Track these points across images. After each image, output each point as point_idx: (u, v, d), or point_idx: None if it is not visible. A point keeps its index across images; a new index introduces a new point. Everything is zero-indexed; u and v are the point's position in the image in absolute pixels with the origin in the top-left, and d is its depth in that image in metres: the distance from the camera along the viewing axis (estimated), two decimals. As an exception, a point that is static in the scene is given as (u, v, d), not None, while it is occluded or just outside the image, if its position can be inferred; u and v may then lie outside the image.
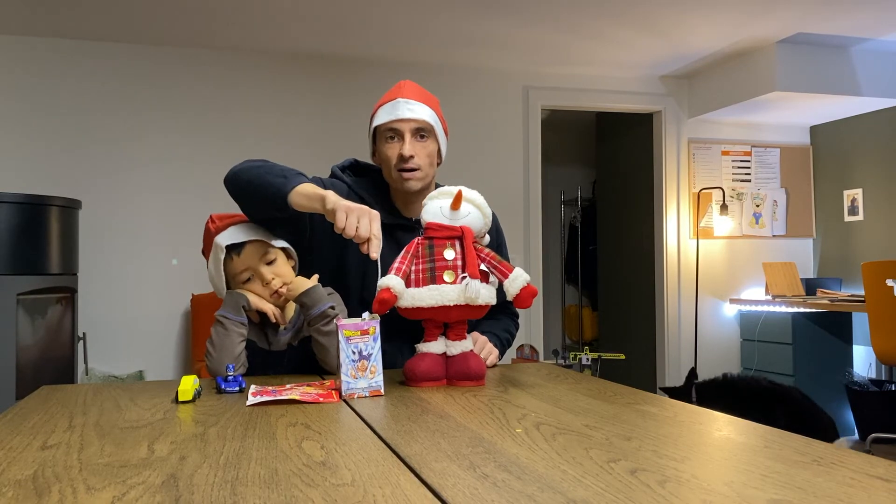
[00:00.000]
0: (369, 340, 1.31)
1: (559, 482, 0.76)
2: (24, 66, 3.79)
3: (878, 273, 3.58)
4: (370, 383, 1.29)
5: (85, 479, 0.79)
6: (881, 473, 0.79)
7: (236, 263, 1.56)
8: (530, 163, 4.50)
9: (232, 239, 1.55)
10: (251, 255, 1.55)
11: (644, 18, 3.63)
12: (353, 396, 1.28)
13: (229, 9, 3.45)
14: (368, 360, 1.30)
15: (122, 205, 3.89)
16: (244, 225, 1.58)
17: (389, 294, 1.35)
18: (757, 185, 4.93)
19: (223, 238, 1.55)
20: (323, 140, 4.12)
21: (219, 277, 1.57)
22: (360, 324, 1.31)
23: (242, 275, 1.56)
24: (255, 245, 1.56)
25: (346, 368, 1.29)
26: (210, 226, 1.60)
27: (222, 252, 1.54)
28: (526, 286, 1.38)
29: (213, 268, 1.57)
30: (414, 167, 1.62)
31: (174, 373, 3.93)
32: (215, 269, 1.57)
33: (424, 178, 1.65)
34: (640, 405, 1.18)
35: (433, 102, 1.67)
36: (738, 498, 0.70)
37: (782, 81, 4.04)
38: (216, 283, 1.59)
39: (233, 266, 1.56)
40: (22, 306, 3.07)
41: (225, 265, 1.57)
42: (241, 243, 1.55)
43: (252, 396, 1.24)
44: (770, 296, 4.61)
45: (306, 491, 0.74)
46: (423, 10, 3.51)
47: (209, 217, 1.63)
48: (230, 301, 1.56)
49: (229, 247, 1.54)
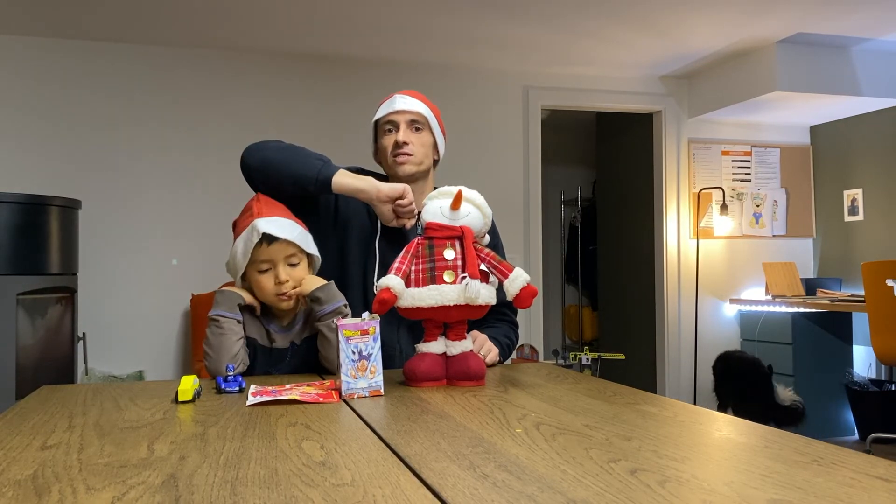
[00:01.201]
0: (369, 340, 1.31)
1: (559, 482, 0.76)
2: (23, 66, 3.79)
3: (878, 273, 3.59)
4: (370, 383, 1.29)
5: (85, 479, 0.79)
6: (881, 473, 0.79)
7: (262, 252, 1.53)
8: (530, 163, 4.50)
9: (272, 230, 1.52)
10: (280, 250, 1.54)
11: (644, 18, 3.63)
12: (352, 396, 1.28)
13: (229, 9, 3.45)
14: (368, 360, 1.30)
15: (122, 205, 3.89)
16: (287, 221, 1.57)
17: (389, 294, 1.36)
18: (757, 185, 4.93)
19: (265, 224, 1.53)
20: (323, 140, 4.11)
21: (244, 258, 1.54)
22: (360, 324, 1.31)
23: (262, 265, 1.54)
24: (288, 244, 1.55)
25: (346, 368, 1.29)
26: (254, 205, 1.57)
27: (258, 236, 1.51)
28: (526, 286, 1.38)
29: (242, 247, 1.54)
30: (408, 152, 1.73)
31: (174, 373, 3.93)
32: (244, 248, 1.54)
33: (419, 164, 1.75)
34: (640, 405, 1.18)
35: (429, 103, 1.79)
36: (738, 498, 0.70)
37: (782, 81, 4.04)
38: (237, 262, 1.56)
39: (258, 253, 1.54)
40: (22, 306, 3.07)
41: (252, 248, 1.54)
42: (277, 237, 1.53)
43: (252, 396, 1.24)
44: (770, 296, 4.61)
45: (306, 491, 0.74)
46: (423, 11, 3.51)
47: (255, 195, 1.61)
48: (223, 300, 1.56)
49: (265, 234, 1.52)
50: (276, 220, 1.55)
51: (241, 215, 1.61)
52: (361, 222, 1.76)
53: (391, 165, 1.75)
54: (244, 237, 1.54)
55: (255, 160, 1.66)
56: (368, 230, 1.76)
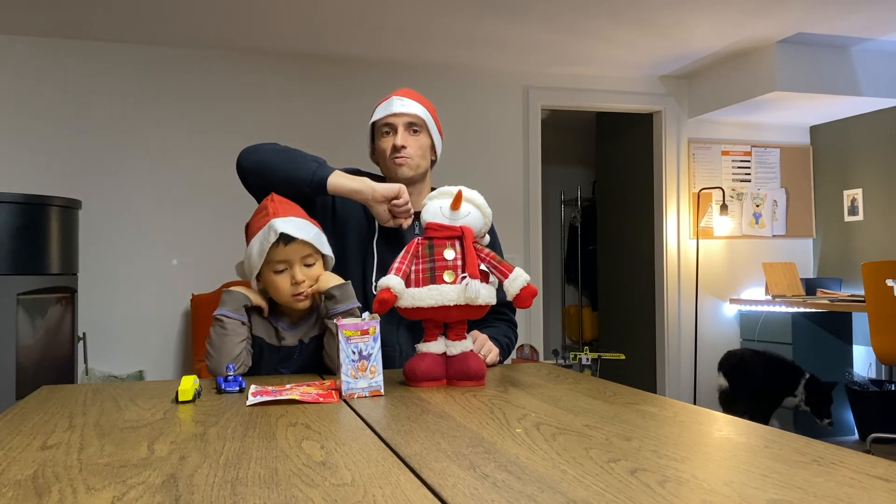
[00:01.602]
0: (369, 340, 1.31)
1: (559, 482, 0.76)
2: (24, 66, 3.79)
3: (878, 273, 3.58)
4: (370, 383, 1.29)
5: (85, 479, 0.79)
6: (881, 473, 0.79)
7: (278, 252, 1.52)
8: (530, 163, 4.50)
9: (290, 230, 1.52)
10: (296, 250, 1.53)
11: (644, 18, 3.63)
12: (352, 396, 1.28)
13: (230, 9, 3.45)
14: (368, 360, 1.30)
15: (122, 205, 3.89)
16: (304, 221, 1.56)
17: (389, 294, 1.36)
18: (757, 185, 4.93)
19: (282, 224, 1.52)
20: (323, 139, 4.11)
21: (260, 258, 1.53)
22: (360, 324, 1.31)
23: (278, 265, 1.53)
24: (304, 244, 1.54)
25: (346, 368, 1.29)
26: (269, 205, 1.56)
27: (275, 235, 1.50)
28: (526, 286, 1.38)
29: (258, 247, 1.53)
30: (406, 155, 1.74)
31: (174, 373, 3.93)
32: (259, 248, 1.53)
33: (416, 167, 1.77)
34: (640, 405, 1.18)
35: (427, 103, 1.81)
36: (738, 498, 0.70)
37: (782, 81, 4.04)
38: (253, 262, 1.55)
39: (274, 253, 1.53)
40: (22, 306, 3.07)
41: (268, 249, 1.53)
42: (293, 237, 1.52)
43: (252, 396, 1.24)
44: (770, 296, 4.61)
45: (306, 491, 0.74)
46: (423, 11, 3.51)
47: (270, 195, 1.59)
48: (229, 300, 1.55)
49: (283, 234, 1.51)
50: (293, 220, 1.54)
51: (256, 215, 1.59)
52: (359, 223, 1.77)
53: (389, 168, 1.77)
54: (260, 237, 1.53)
55: (251, 163, 1.67)
56: (366, 231, 1.76)
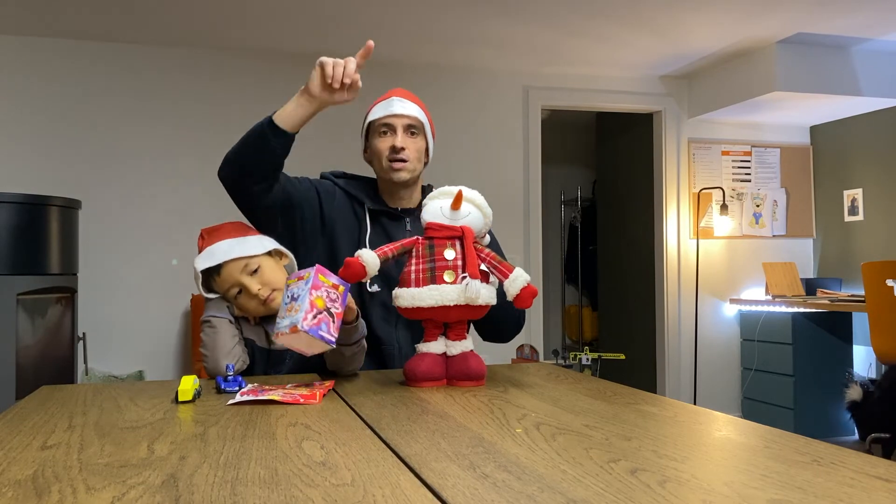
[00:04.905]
0: (301, 284, 1.31)
1: (559, 482, 0.76)
2: (23, 66, 3.79)
3: (878, 273, 3.58)
4: (291, 320, 1.28)
5: (85, 479, 0.79)
6: (881, 473, 0.79)
7: (219, 284, 1.56)
8: (530, 163, 4.50)
9: (206, 263, 1.54)
10: (231, 272, 1.55)
11: (644, 18, 3.63)
12: (278, 336, 1.28)
13: (230, 9, 3.45)
14: (296, 301, 1.30)
15: (122, 205, 3.89)
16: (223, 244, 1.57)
17: (355, 261, 1.35)
18: (757, 185, 4.93)
19: (200, 262, 1.55)
20: (323, 139, 4.11)
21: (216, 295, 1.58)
22: (300, 272, 1.34)
23: (230, 291, 1.56)
24: (233, 262, 1.55)
25: (282, 311, 1.31)
26: (200, 243, 1.60)
27: (199, 277, 1.54)
28: (526, 286, 1.38)
29: (205, 291, 1.58)
30: (404, 158, 1.74)
31: (174, 373, 3.93)
32: (205, 291, 1.58)
33: (413, 171, 1.77)
34: (640, 405, 1.18)
35: (423, 106, 1.83)
36: (738, 498, 0.70)
37: (782, 81, 4.04)
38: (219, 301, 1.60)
39: (218, 285, 1.56)
40: (22, 306, 3.07)
41: (210, 286, 1.57)
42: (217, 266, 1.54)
43: (239, 396, 1.24)
44: (770, 296, 4.61)
45: (306, 491, 0.74)
46: (422, 11, 3.51)
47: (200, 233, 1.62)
48: (213, 304, 1.58)
49: (206, 270, 1.54)
50: (207, 252, 1.56)
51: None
52: (349, 223, 1.78)
53: (386, 170, 1.76)
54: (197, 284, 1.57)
55: (222, 166, 1.67)
56: (356, 230, 1.77)
